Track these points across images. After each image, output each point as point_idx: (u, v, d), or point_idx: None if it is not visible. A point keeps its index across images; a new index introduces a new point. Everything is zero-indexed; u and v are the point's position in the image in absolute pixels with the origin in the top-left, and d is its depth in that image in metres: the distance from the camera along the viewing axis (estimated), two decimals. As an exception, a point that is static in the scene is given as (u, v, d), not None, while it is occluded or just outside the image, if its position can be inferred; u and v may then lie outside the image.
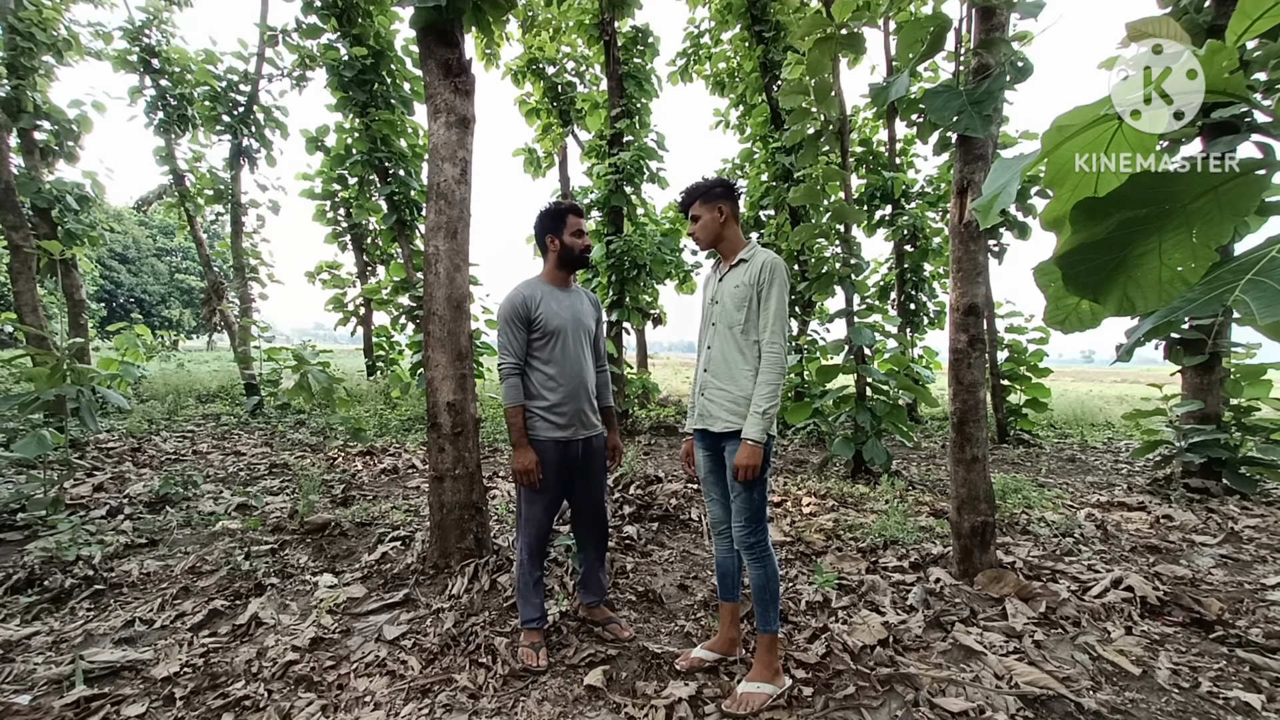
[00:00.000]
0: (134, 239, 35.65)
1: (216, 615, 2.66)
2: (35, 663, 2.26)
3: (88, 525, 3.62)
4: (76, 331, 7.17)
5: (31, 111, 6.85)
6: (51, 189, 7.03)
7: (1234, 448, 4.66)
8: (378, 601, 2.78)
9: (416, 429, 7.33)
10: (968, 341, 2.98)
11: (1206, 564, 3.27)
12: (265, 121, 9.18)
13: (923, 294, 9.34)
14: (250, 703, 2.04)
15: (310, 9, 7.62)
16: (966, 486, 2.98)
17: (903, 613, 2.67)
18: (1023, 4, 2.80)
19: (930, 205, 8.87)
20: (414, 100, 8.38)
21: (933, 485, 5.14)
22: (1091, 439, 7.93)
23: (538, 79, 10.08)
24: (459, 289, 3.09)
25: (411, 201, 8.37)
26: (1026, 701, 2.02)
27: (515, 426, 2.32)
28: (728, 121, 9.93)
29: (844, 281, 5.24)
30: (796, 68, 5.04)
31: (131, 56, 8.58)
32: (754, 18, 8.40)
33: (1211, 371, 4.80)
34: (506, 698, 2.09)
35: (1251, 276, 0.57)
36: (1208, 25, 4.14)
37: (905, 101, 3.22)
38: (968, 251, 2.96)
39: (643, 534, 3.66)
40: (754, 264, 2.11)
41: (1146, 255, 0.76)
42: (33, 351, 4.01)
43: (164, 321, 35.44)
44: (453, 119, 3.04)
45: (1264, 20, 0.65)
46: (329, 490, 4.59)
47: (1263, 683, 2.12)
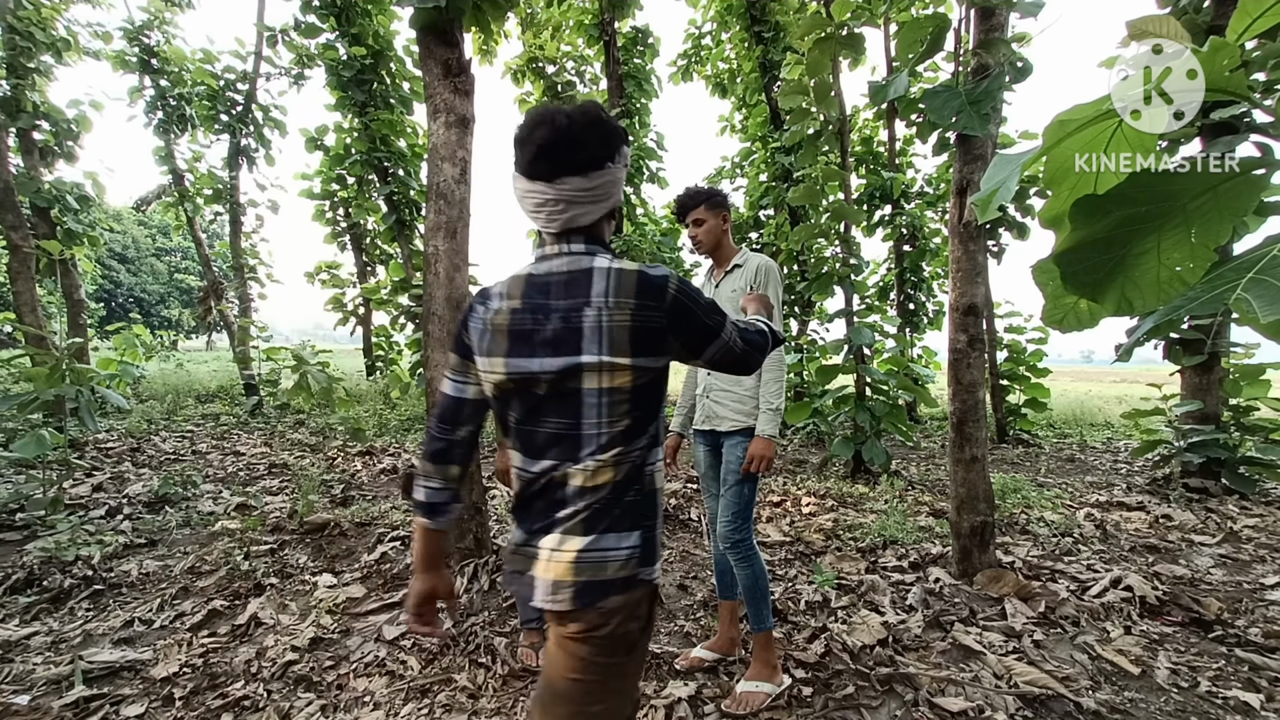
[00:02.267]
0: (133, 239, 35.63)
1: (216, 615, 2.65)
2: (34, 663, 2.26)
3: (87, 525, 3.61)
4: (76, 331, 7.16)
5: (30, 111, 6.84)
6: (51, 189, 7.03)
7: (1233, 447, 4.66)
8: (377, 601, 2.78)
9: (416, 429, 7.33)
10: (967, 341, 2.98)
11: (1205, 564, 3.27)
12: (264, 121, 9.18)
13: (922, 294, 9.34)
14: (249, 703, 2.04)
15: (309, 8, 7.61)
16: (966, 486, 2.98)
17: (902, 612, 2.67)
18: (1022, 4, 2.81)
19: (929, 205, 8.87)
20: (413, 100, 8.37)
21: (932, 485, 5.14)
22: (1090, 439, 7.94)
23: (537, 78, 10.07)
24: (458, 289, 3.09)
25: (411, 201, 8.36)
26: (1026, 701, 2.02)
27: None
28: (732, 126, 9.93)
29: (843, 281, 5.24)
30: (796, 68, 5.04)
31: (131, 57, 8.58)
32: (753, 18, 8.40)
33: (1210, 371, 4.81)
34: (506, 697, 2.09)
35: (1254, 275, 0.57)
36: (1208, 25, 4.14)
37: (905, 101, 3.22)
38: (967, 251, 2.96)
39: (642, 534, 3.65)
40: (748, 268, 2.18)
41: (1145, 254, 0.76)
42: (32, 351, 4.01)
43: (163, 321, 35.41)
44: (452, 119, 3.04)
45: (1264, 19, 0.65)
46: (328, 490, 4.58)
47: (1261, 682, 2.12)
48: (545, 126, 1.04)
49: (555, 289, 1.07)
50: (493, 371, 1.09)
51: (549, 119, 1.04)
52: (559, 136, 1.04)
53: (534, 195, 1.07)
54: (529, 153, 1.05)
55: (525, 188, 1.08)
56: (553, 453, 1.07)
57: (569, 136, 1.04)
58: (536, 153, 1.04)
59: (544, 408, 1.08)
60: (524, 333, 1.07)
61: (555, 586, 1.02)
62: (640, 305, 1.04)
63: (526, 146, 1.06)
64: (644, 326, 1.05)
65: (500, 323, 1.08)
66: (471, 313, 1.13)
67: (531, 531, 1.09)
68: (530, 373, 1.06)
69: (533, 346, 1.06)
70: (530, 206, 1.10)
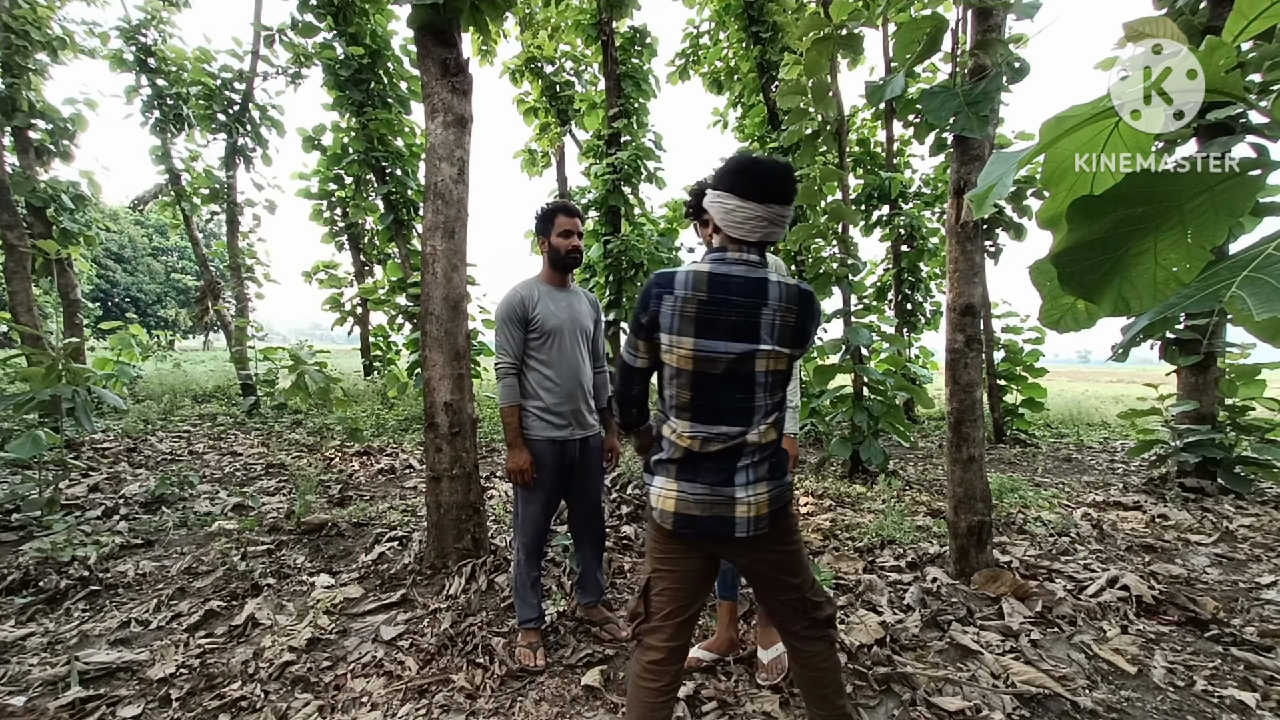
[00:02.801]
0: (130, 238, 35.51)
1: (213, 616, 2.65)
2: (30, 664, 2.25)
3: (83, 526, 3.60)
4: (72, 331, 7.13)
5: (26, 110, 6.81)
6: (47, 188, 7.00)
7: (1229, 447, 4.68)
8: (375, 602, 2.77)
9: (414, 429, 7.32)
10: (964, 341, 2.99)
11: (1201, 563, 3.28)
12: (261, 120, 9.15)
13: (919, 294, 9.35)
14: (247, 703, 2.04)
15: (306, 7, 7.58)
16: (963, 486, 2.99)
17: (900, 612, 2.68)
18: (1019, 5, 2.81)
19: (927, 205, 8.88)
20: (411, 99, 8.35)
21: (929, 485, 5.15)
22: (1087, 439, 7.96)
23: (536, 78, 10.06)
24: (456, 289, 3.09)
25: (409, 201, 8.34)
26: (1023, 700, 2.03)
27: (510, 426, 2.32)
28: (726, 121, 9.93)
29: (841, 281, 5.25)
30: (794, 68, 5.05)
31: (127, 55, 8.54)
32: (751, 18, 8.41)
33: (1206, 371, 4.82)
34: (504, 698, 2.09)
35: (1248, 273, 0.58)
36: (1204, 26, 4.16)
37: (902, 102, 3.23)
38: (964, 252, 2.96)
39: (640, 534, 3.66)
40: None
41: (1142, 255, 0.77)
42: (28, 351, 4.00)
43: (160, 321, 35.29)
44: (450, 118, 3.04)
45: (1261, 20, 0.65)
46: (326, 490, 4.57)
47: (1257, 681, 2.13)
48: (769, 166, 1.40)
49: (735, 287, 1.40)
50: (680, 349, 1.41)
51: (772, 161, 1.41)
52: (782, 173, 1.40)
53: (744, 211, 1.40)
54: (760, 183, 1.38)
55: (737, 204, 1.40)
56: (730, 419, 1.42)
57: (787, 176, 1.41)
58: (765, 184, 1.38)
59: (721, 383, 1.41)
60: (711, 321, 1.39)
61: (757, 521, 1.43)
62: (799, 311, 1.44)
63: (756, 178, 1.39)
64: (797, 326, 1.44)
65: (689, 311, 1.39)
66: (657, 299, 1.43)
67: (713, 484, 1.42)
68: (716, 353, 1.39)
69: (718, 332, 1.39)
70: (738, 219, 1.41)
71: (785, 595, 1.54)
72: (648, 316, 1.44)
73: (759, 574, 1.54)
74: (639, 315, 1.47)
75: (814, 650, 1.56)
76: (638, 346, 1.50)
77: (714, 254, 1.45)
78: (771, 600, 1.58)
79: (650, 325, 1.44)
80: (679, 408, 1.45)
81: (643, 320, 1.46)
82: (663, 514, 1.46)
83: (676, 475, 1.45)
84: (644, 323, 1.45)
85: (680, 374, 1.43)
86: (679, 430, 1.45)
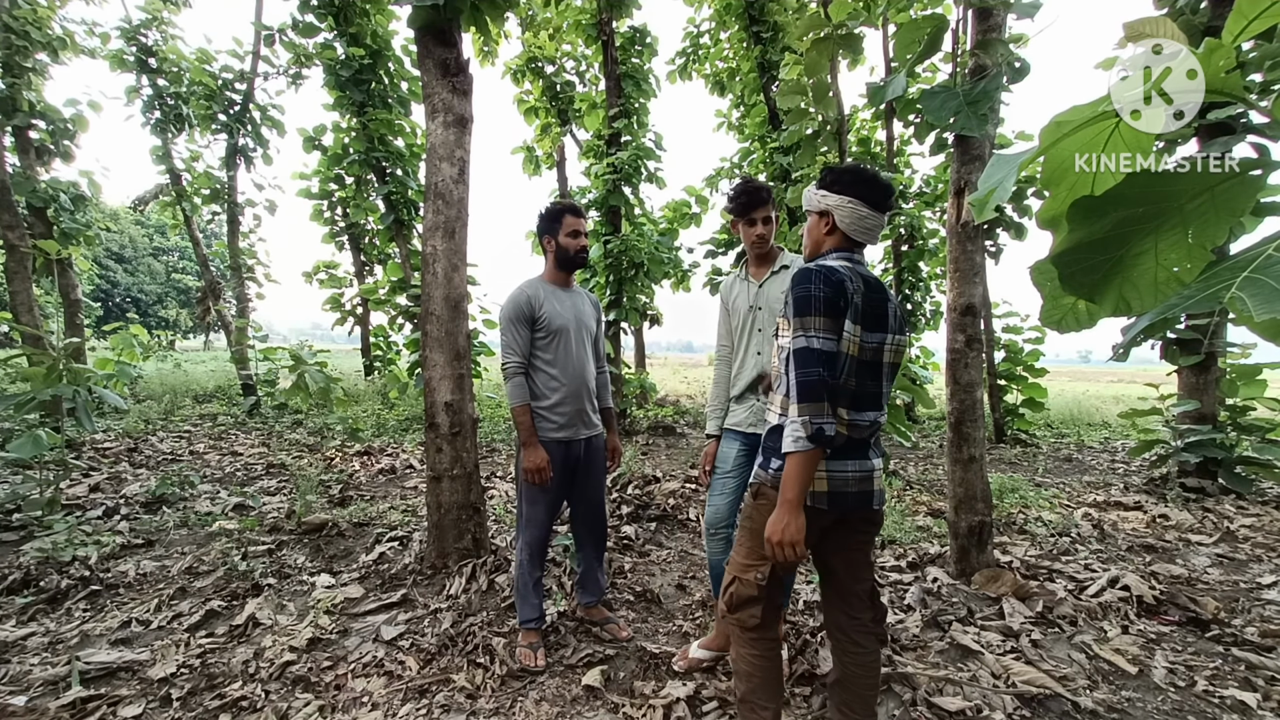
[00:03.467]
0: (130, 238, 35.52)
1: (213, 616, 2.65)
2: (31, 664, 2.26)
3: (84, 526, 3.60)
4: (73, 331, 7.13)
5: (27, 110, 6.82)
6: (47, 188, 7.00)
7: (1230, 447, 4.68)
8: (375, 602, 2.77)
9: (414, 429, 7.32)
10: (965, 342, 2.99)
11: (1202, 563, 3.28)
12: (262, 120, 9.14)
13: (920, 294, 9.35)
14: (247, 703, 2.04)
15: (306, 7, 7.58)
16: (964, 486, 2.99)
17: (900, 612, 2.68)
18: (1019, 5, 2.81)
19: (927, 205, 8.87)
20: (412, 100, 8.35)
21: (930, 485, 5.15)
22: (1088, 439, 7.95)
23: (536, 78, 10.06)
24: (457, 289, 3.09)
25: (409, 201, 8.34)
26: (1024, 700, 2.03)
27: (524, 425, 2.31)
28: (730, 123, 9.92)
29: (842, 281, 5.24)
30: (794, 68, 5.04)
31: (128, 56, 8.55)
32: (751, 18, 8.40)
33: (1207, 371, 4.82)
34: (504, 698, 2.09)
35: (1248, 274, 0.58)
36: (1204, 26, 4.15)
37: (903, 102, 3.22)
38: (965, 252, 2.96)
39: (641, 534, 3.66)
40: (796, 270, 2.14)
41: (1143, 255, 0.77)
42: (29, 351, 4.00)
43: (160, 321, 35.32)
44: (450, 118, 3.04)
45: (1261, 20, 0.65)
46: (326, 490, 4.58)
47: (1258, 681, 2.13)
48: (886, 181, 1.57)
49: (875, 284, 1.53)
50: (855, 338, 1.48)
51: (886, 177, 1.57)
52: (892, 189, 1.57)
53: (873, 219, 1.57)
54: (884, 196, 1.55)
55: (869, 213, 1.55)
56: (874, 406, 1.55)
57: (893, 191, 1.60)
58: (886, 197, 1.56)
59: (873, 372, 1.53)
60: (875, 315, 1.51)
61: (883, 495, 1.61)
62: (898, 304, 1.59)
63: (882, 191, 1.55)
64: (903, 316, 1.60)
65: (858, 302, 1.47)
66: (840, 286, 1.44)
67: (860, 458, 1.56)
68: (880, 345, 1.53)
69: (881, 324, 1.52)
70: (867, 226, 1.57)
71: (866, 577, 1.66)
72: (847, 302, 1.44)
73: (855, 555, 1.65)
74: (836, 300, 1.42)
75: (870, 647, 1.63)
76: (837, 330, 1.44)
77: (842, 254, 1.57)
78: (853, 586, 1.65)
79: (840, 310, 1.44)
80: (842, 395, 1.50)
81: (841, 305, 1.43)
82: (815, 494, 1.52)
83: (842, 457, 1.54)
84: (842, 306, 1.43)
85: (849, 363, 1.49)
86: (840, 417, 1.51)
